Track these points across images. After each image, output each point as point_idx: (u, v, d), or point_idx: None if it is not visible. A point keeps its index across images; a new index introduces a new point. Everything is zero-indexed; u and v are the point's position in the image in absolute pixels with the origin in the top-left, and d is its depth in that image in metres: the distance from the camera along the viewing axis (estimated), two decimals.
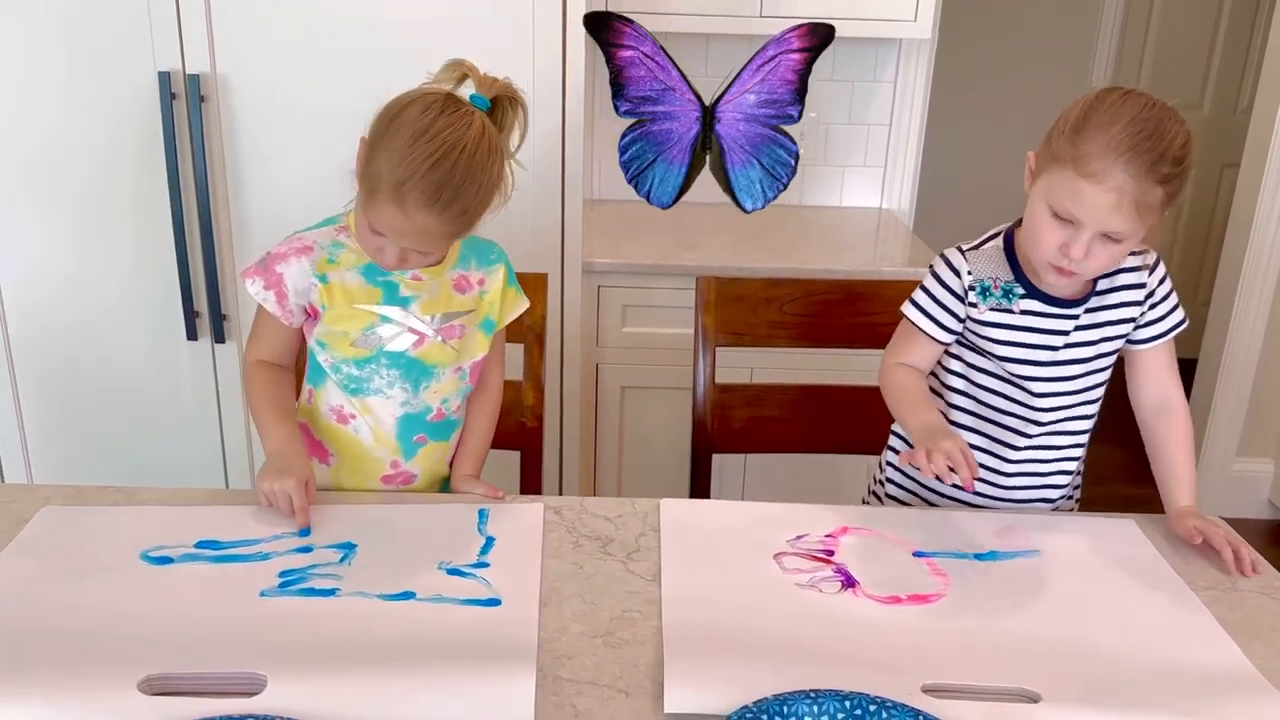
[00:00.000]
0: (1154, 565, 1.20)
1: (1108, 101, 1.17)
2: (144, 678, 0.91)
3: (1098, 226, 1.16)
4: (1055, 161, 1.18)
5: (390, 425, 1.34)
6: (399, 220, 1.18)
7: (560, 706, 0.93)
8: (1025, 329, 1.30)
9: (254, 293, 1.29)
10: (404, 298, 1.30)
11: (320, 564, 1.12)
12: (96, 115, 1.89)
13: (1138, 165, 1.12)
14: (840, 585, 1.13)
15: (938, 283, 1.33)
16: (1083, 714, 0.93)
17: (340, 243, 1.30)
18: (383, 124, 1.19)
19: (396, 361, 1.31)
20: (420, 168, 1.14)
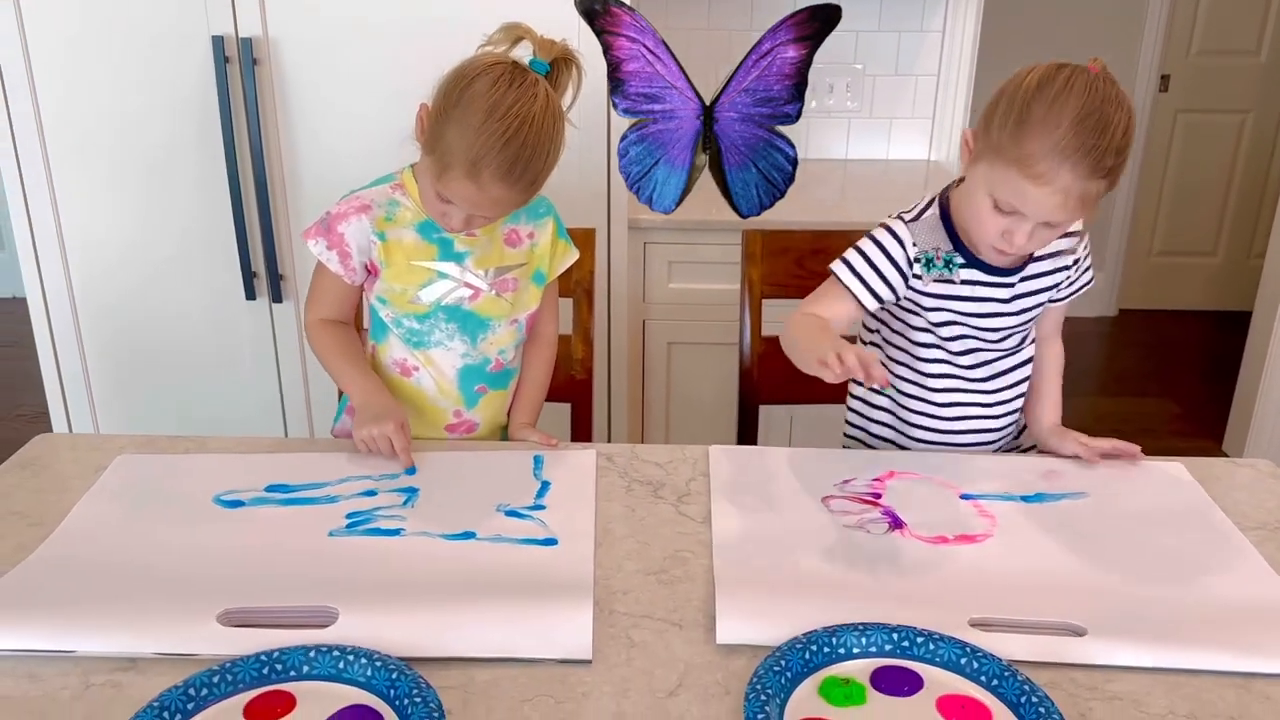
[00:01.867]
0: (1202, 506, 1.21)
1: (1050, 92, 1.12)
2: (222, 611, 0.97)
3: (1040, 219, 1.16)
4: (997, 155, 1.15)
5: (451, 376, 1.38)
6: (473, 194, 1.21)
7: (616, 638, 0.97)
8: (967, 298, 1.30)
9: (317, 253, 1.33)
10: (459, 253, 1.34)
11: (385, 506, 1.17)
12: (153, 81, 1.93)
13: (1084, 166, 1.10)
14: (888, 526, 1.16)
15: (879, 250, 1.30)
16: (1128, 646, 0.95)
17: (396, 201, 1.33)
18: (451, 97, 1.20)
19: (453, 315, 1.35)
20: (494, 145, 1.17)
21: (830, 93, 2.61)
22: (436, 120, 1.22)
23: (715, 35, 2.56)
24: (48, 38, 1.90)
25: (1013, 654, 0.94)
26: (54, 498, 1.20)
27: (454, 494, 1.20)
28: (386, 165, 1.42)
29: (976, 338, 1.33)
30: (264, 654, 0.90)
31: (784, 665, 0.90)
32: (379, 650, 0.91)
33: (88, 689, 0.90)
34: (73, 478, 1.25)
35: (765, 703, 0.85)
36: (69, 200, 2.01)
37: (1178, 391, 1.38)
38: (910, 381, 1.38)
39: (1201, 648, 0.95)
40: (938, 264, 1.28)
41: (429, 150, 1.23)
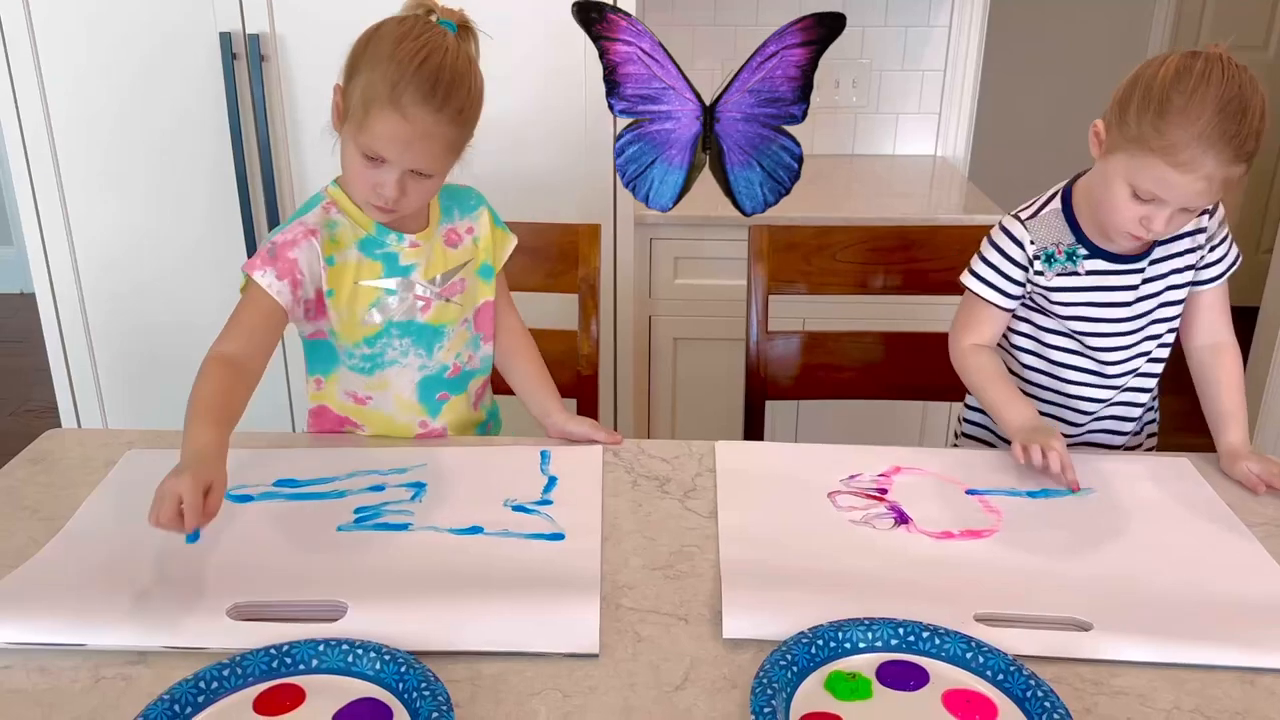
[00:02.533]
0: (1207, 501, 1.21)
1: (1189, 81, 1.13)
2: (232, 604, 0.97)
3: (1181, 204, 1.18)
4: (1137, 145, 1.16)
5: (410, 392, 1.34)
6: (399, 126, 1.16)
7: (623, 633, 0.97)
8: (1093, 289, 1.31)
9: (266, 285, 1.21)
10: (404, 267, 1.30)
11: (393, 501, 1.17)
12: (160, 77, 1.94)
13: (1227, 153, 1.12)
14: (893, 522, 1.16)
15: (998, 253, 1.34)
16: (1134, 642, 0.95)
17: (334, 220, 1.28)
18: (358, 50, 1.21)
19: (405, 330, 1.31)
20: (410, 65, 1.15)
21: (837, 88, 2.61)
22: (348, 85, 1.20)
23: (722, 31, 2.56)
24: (56, 35, 1.91)
25: (1018, 649, 0.94)
26: (64, 492, 1.21)
27: (461, 489, 1.20)
28: None
29: (1109, 330, 1.33)
30: (274, 647, 0.91)
31: (790, 659, 0.91)
32: (387, 644, 0.92)
33: (98, 682, 0.91)
34: (82, 473, 1.26)
35: (771, 696, 0.86)
36: (77, 196, 2.02)
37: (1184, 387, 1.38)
38: (1042, 372, 1.40)
39: (1207, 643, 0.95)
40: (1059, 258, 1.30)
41: (342, 115, 1.21)
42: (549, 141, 2.02)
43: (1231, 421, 1.32)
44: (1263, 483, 1.24)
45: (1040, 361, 1.39)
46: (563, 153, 2.03)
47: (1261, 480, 1.24)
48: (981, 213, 2.16)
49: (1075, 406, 1.39)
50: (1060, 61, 3.71)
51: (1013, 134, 3.59)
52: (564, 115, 2.00)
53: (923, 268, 1.65)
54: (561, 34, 1.91)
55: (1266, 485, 1.24)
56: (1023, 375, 1.41)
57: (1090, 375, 1.37)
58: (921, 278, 1.65)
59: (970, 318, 1.38)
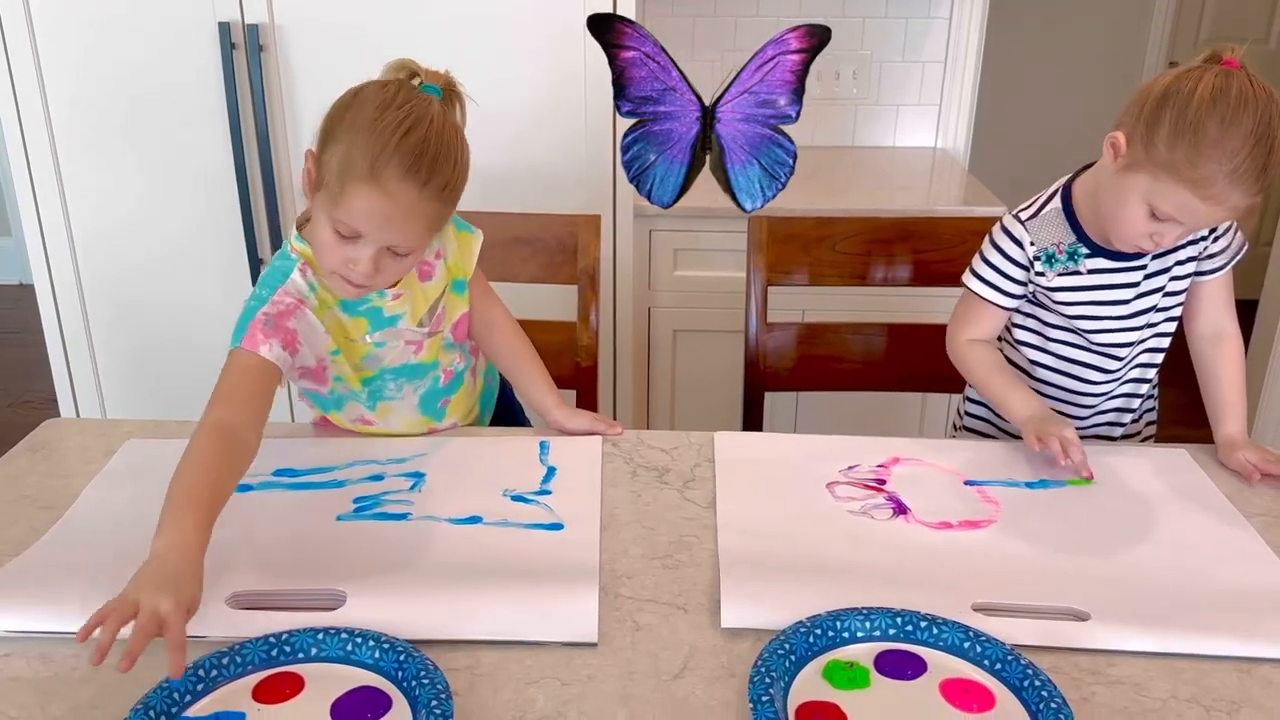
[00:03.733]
0: (1205, 492, 1.21)
1: (1224, 110, 1.10)
2: (231, 594, 0.97)
3: (1200, 229, 1.22)
4: (1166, 171, 1.14)
5: (413, 412, 1.33)
6: (380, 202, 1.07)
7: (622, 621, 0.98)
8: (1095, 287, 1.31)
9: (274, 358, 1.14)
10: (390, 318, 1.25)
11: (392, 491, 1.17)
12: (159, 67, 1.94)
13: (1255, 187, 1.13)
14: (892, 512, 1.16)
15: (999, 253, 1.33)
16: (1131, 632, 0.95)
17: (312, 284, 1.21)
18: (335, 115, 1.12)
19: (401, 372, 1.29)
20: (393, 138, 1.07)
21: (837, 79, 2.61)
22: (322, 147, 1.11)
23: (722, 22, 2.56)
24: (54, 24, 1.91)
25: (1016, 638, 0.94)
26: (63, 482, 1.21)
27: (461, 479, 1.21)
28: None
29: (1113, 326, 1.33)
30: (273, 636, 0.91)
31: (788, 649, 0.91)
32: (387, 633, 0.92)
33: (98, 670, 0.91)
34: (81, 462, 1.26)
35: (769, 685, 0.86)
36: (76, 187, 2.02)
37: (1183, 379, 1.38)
38: (1047, 368, 1.40)
39: (1204, 632, 0.96)
40: (1060, 258, 1.30)
41: (315, 186, 1.12)
42: (550, 135, 2.02)
43: (1231, 412, 1.33)
44: (1258, 471, 1.25)
45: (1045, 356, 1.39)
46: (563, 146, 2.03)
47: (1257, 469, 1.25)
48: (981, 205, 2.16)
49: (1080, 401, 1.40)
50: (1060, 53, 3.71)
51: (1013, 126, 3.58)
52: (565, 109, 2.00)
53: (922, 259, 1.65)
54: (562, 32, 1.91)
55: (1262, 474, 1.24)
56: (1027, 370, 1.41)
57: (1094, 370, 1.37)
58: (921, 269, 1.65)
59: (969, 315, 1.38)
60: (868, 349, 1.69)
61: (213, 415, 1.08)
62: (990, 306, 1.36)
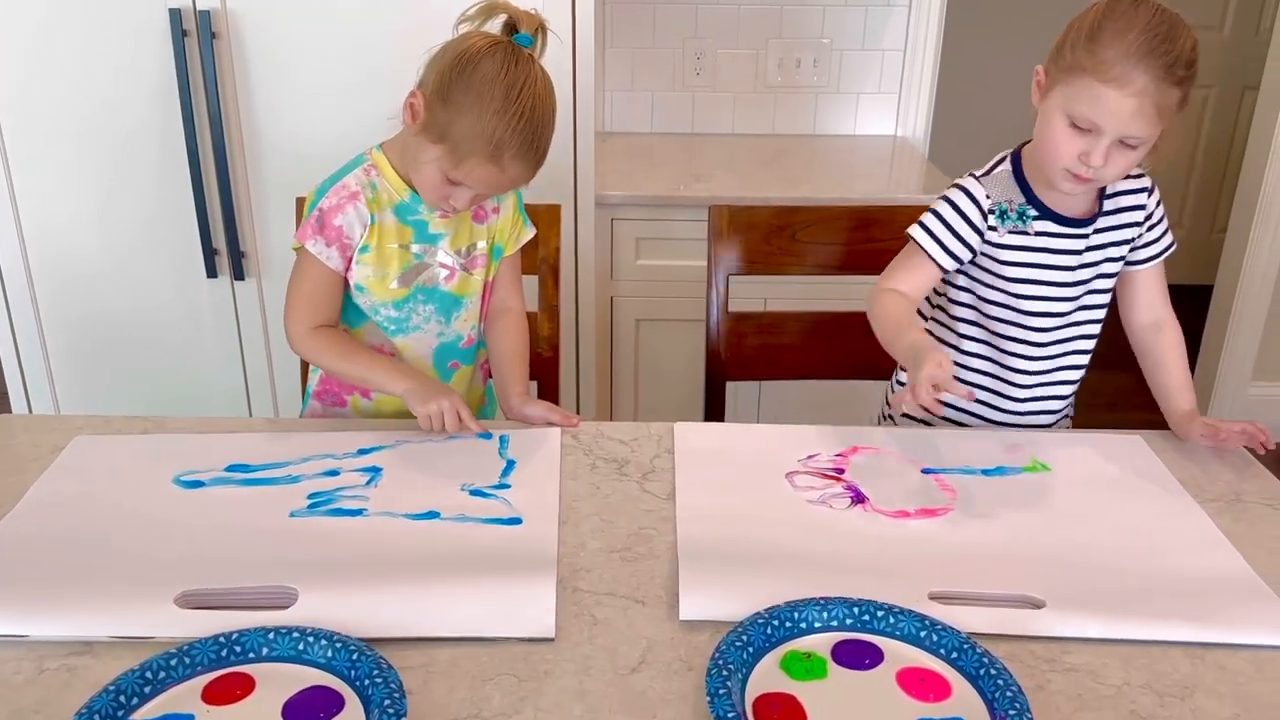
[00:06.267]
0: (1160, 479, 1.22)
1: (1119, 9, 1.19)
2: (180, 593, 0.96)
3: (1118, 132, 1.18)
4: (1072, 72, 1.19)
5: (427, 356, 1.39)
6: (493, 176, 1.23)
7: (579, 615, 0.97)
8: (1041, 250, 1.32)
9: (318, 253, 1.29)
10: (434, 235, 1.34)
11: (347, 486, 1.16)
12: (109, 56, 1.89)
13: (1157, 68, 1.15)
14: (850, 501, 1.16)
15: (952, 209, 1.34)
16: (1085, 618, 0.96)
17: (374, 183, 1.32)
18: (457, 83, 1.20)
19: (431, 296, 1.36)
20: (516, 126, 1.19)
21: (797, 68, 2.60)
22: (442, 108, 1.21)
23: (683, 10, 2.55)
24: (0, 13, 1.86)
25: (972, 626, 0.94)
26: (10, 480, 1.18)
27: (418, 473, 1.19)
28: (350, 138, 1.39)
29: (1050, 294, 1.34)
30: (222, 636, 0.90)
31: (746, 640, 0.91)
32: (339, 631, 0.90)
33: (42, 674, 0.89)
34: (29, 459, 1.23)
35: (727, 678, 0.86)
36: (25, 179, 1.97)
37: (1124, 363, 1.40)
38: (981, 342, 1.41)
39: (1157, 620, 0.96)
40: (1011, 215, 1.31)
41: (436, 139, 1.22)
42: None
43: (1181, 391, 1.36)
44: (1208, 435, 1.29)
45: (979, 331, 1.40)
46: None
47: (1208, 434, 1.29)
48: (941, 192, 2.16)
49: (1012, 379, 1.40)
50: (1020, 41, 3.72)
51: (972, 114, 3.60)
52: None
53: (883, 247, 1.63)
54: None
55: (1213, 438, 1.28)
56: (961, 347, 1.41)
57: (1025, 345, 1.38)
58: (882, 257, 1.64)
59: (903, 264, 1.37)
60: (830, 338, 1.69)
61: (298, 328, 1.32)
62: (928, 262, 1.34)
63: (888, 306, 1.33)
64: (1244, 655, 0.94)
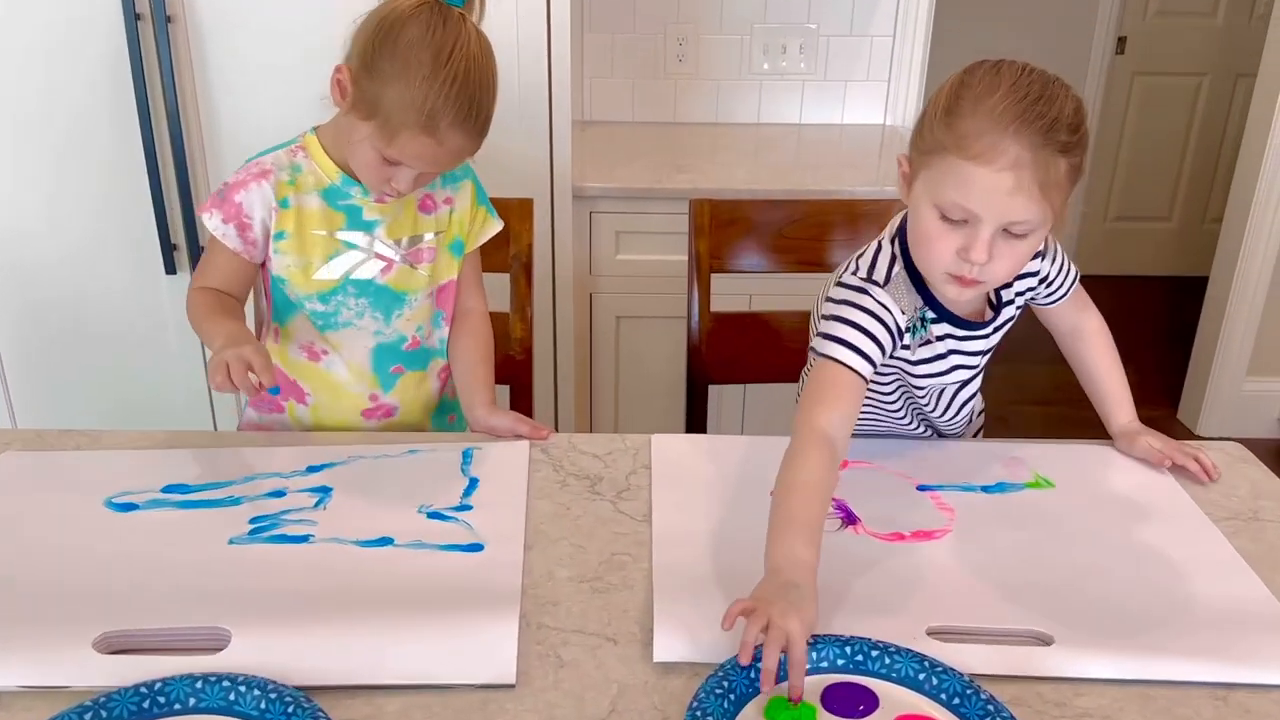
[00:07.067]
0: (1171, 495, 1.14)
1: (978, 74, 0.99)
2: (100, 635, 0.86)
3: (998, 218, 0.97)
4: (933, 154, 0.99)
5: (364, 357, 1.28)
6: (431, 150, 1.13)
7: (544, 656, 0.88)
8: (948, 353, 1.16)
9: (213, 228, 1.20)
10: (368, 222, 1.24)
11: (294, 509, 1.06)
12: (58, 40, 1.79)
13: (1030, 134, 0.94)
14: (840, 523, 1.08)
15: (868, 315, 1.09)
16: (1098, 657, 0.88)
17: (299, 165, 1.22)
18: (381, 50, 1.10)
19: (364, 290, 1.25)
20: (448, 92, 1.09)
21: (783, 54, 2.52)
22: (369, 80, 1.11)
23: None
24: None
25: (974, 667, 0.86)
26: None
27: (372, 493, 1.10)
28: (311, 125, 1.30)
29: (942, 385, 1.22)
30: (144, 685, 0.81)
31: (727, 686, 0.82)
32: (274, 678, 0.81)
33: None
34: None
35: None
36: None
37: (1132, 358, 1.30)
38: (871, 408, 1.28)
39: (1175, 657, 0.88)
40: (918, 327, 1.13)
41: (366, 115, 1.13)
42: None
43: (1116, 402, 1.25)
44: (1167, 458, 1.19)
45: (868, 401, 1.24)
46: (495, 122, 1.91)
47: (1165, 456, 1.19)
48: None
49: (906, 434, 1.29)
50: (1011, 27, 3.65)
51: None
52: None
53: None
54: None
55: (1171, 461, 1.19)
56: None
57: (920, 413, 1.27)
58: None
59: (829, 392, 1.06)
60: None
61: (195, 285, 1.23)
62: (855, 378, 1.06)
63: (799, 483, 0.99)
64: (1272, 696, 0.86)
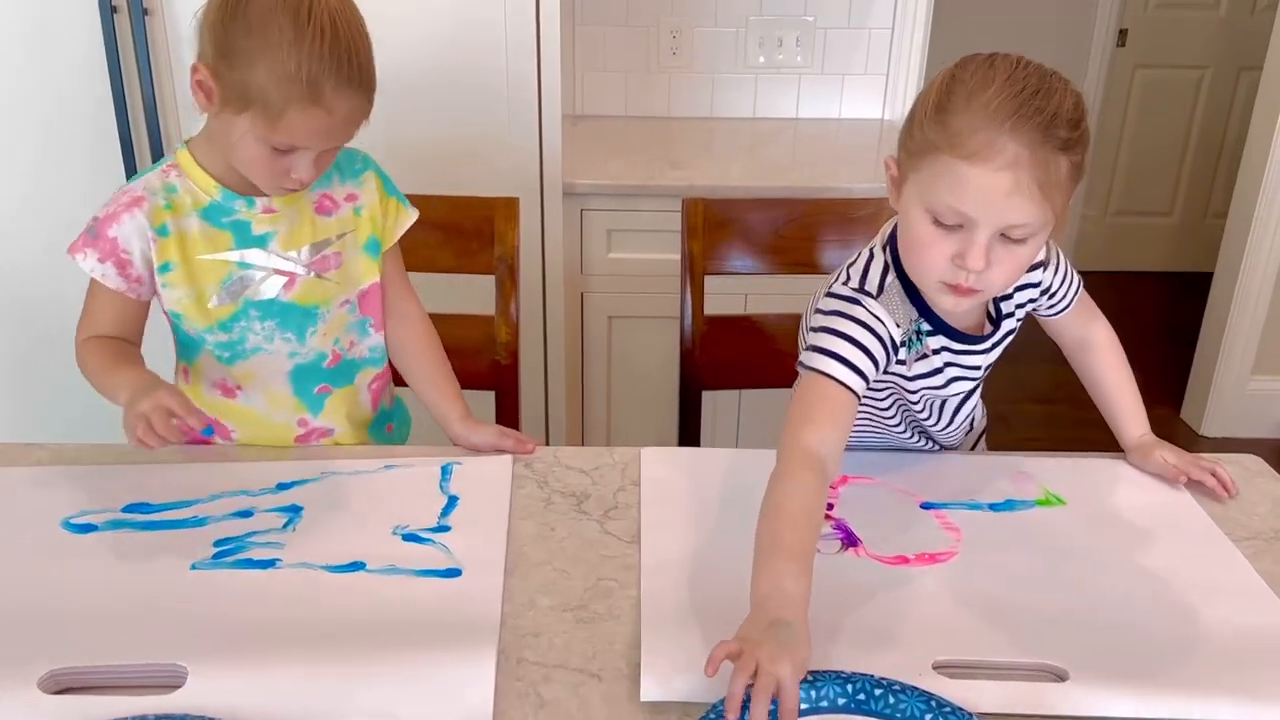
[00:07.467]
0: (1188, 514, 1.09)
1: (970, 68, 0.93)
2: (47, 672, 0.80)
3: (995, 222, 0.91)
4: (923, 153, 0.93)
5: (283, 384, 1.19)
6: (322, 120, 1.03)
7: (524, 694, 0.82)
8: (945, 366, 1.10)
9: (89, 269, 1.09)
10: (259, 237, 1.13)
11: (260, 531, 1.00)
12: (34, 37, 1.74)
13: (1029, 130, 0.88)
14: (840, 545, 1.02)
15: (861, 327, 1.02)
16: (1116, 693, 0.82)
17: (172, 185, 1.11)
18: (234, 31, 1.01)
19: (268, 311, 1.15)
20: (321, 51, 0.99)
21: (780, 47, 2.46)
22: (230, 69, 1.01)
23: None
24: None
25: (984, 706, 0.81)
26: None
27: (344, 514, 1.04)
28: None
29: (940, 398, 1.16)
30: None
31: None
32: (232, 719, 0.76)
33: None
34: None
35: None
36: None
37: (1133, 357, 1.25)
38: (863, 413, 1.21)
39: (1200, 694, 0.83)
40: (914, 340, 1.07)
41: (240, 107, 1.02)
42: (464, 101, 1.84)
43: (1128, 415, 1.20)
44: (1182, 474, 1.13)
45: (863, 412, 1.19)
46: (480, 114, 1.86)
47: (1181, 471, 1.13)
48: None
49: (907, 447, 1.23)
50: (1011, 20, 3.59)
51: None
52: (481, 71, 1.82)
53: None
54: None
55: (1187, 477, 1.13)
56: None
57: (918, 425, 1.21)
58: None
59: (820, 409, 0.99)
60: None
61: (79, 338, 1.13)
62: (848, 394, 1.00)
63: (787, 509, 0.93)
64: None
